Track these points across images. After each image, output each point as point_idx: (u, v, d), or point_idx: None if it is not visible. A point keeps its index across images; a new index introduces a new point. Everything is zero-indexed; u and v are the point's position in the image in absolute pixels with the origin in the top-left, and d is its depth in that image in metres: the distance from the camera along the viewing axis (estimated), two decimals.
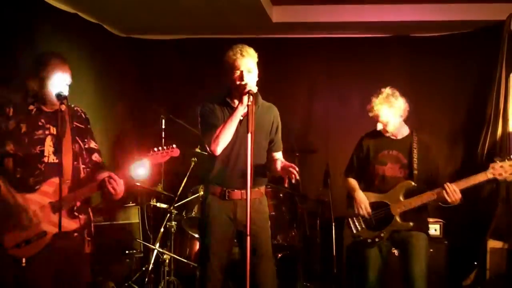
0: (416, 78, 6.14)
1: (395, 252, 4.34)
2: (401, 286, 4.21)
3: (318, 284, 5.53)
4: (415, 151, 4.19)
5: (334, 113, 6.37)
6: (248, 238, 3.27)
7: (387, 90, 4.26)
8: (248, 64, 3.63)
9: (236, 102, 3.67)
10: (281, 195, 5.39)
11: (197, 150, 5.20)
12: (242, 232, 3.73)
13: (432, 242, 5.20)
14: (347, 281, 5.53)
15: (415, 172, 4.16)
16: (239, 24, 6.03)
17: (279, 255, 5.51)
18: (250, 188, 3.25)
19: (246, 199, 3.27)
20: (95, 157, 3.54)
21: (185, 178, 5.34)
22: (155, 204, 5.36)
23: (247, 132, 3.30)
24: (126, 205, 5.53)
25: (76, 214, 3.33)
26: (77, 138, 3.43)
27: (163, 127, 5.72)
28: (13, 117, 3.28)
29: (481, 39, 5.97)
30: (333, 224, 5.37)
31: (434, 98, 6.20)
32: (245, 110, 3.57)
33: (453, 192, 3.94)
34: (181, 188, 5.29)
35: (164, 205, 5.34)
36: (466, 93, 6.11)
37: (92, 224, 3.53)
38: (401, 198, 4.16)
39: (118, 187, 3.30)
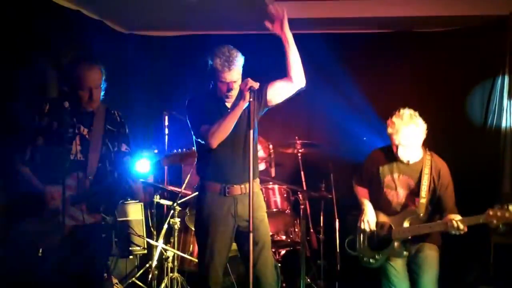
0: (419, 73, 6.13)
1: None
2: None
3: (321, 281, 5.53)
4: (425, 177, 4.14)
5: (336, 109, 6.35)
6: (251, 235, 3.31)
7: (408, 111, 4.20)
8: (234, 77, 3.66)
9: (224, 96, 3.73)
10: (284, 191, 5.38)
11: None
12: (240, 226, 3.76)
13: None
14: (351, 278, 5.54)
15: (422, 201, 4.13)
16: (241, 20, 6.01)
17: (282, 251, 5.52)
18: (251, 182, 3.32)
19: (246, 193, 3.42)
20: (127, 159, 3.66)
21: (188, 175, 5.34)
22: (158, 200, 5.36)
23: (250, 129, 3.33)
24: (129, 201, 5.54)
25: (101, 213, 3.42)
26: (107, 141, 3.58)
27: (166, 123, 5.72)
28: (48, 114, 3.46)
29: (486, 34, 5.93)
30: (337, 220, 5.37)
31: (437, 94, 6.18)
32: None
33: (457, 228, 3.92)
34: (184, 184, 5.30)
35: (167, 202, 5.34)
36: (470, 88, 6.08)
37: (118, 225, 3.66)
38: (406, 225, 4.15)
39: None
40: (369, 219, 4.28)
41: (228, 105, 3.78)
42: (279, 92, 3.83)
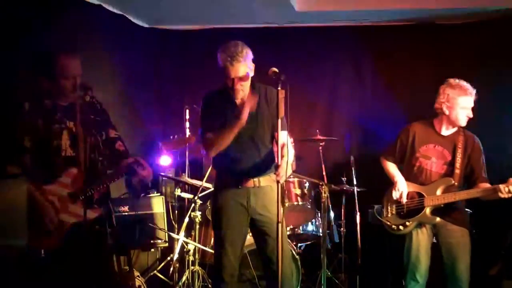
0: (442, 66, 6.06)
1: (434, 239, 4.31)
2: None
3: (342, 275, 5.51)
4: (459, 150, 4.21)
5: (358, 102, 6.33)
6: (280, 225, 3.32)
7: (459, 81, 4.33)
8: (239, 72, 3.64)
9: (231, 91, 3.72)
10: (304, 184, 5.37)
11: None
12: (255, 220, 3.76)
13: None
14: (372, 271, 5.52)
15: (457, 171, 4.19)
16: (262, 13, 5.99)
17: (303, 245, 5.51)
18: (283, 175, 3.37)
19: (259, 186, 3.59)
20: (119, 145, 3.58)
21: (209, 168, 5.34)
22: (179, 194, 5.38)
23: (277, 119, 3.35)
24: (150, 195, 5.57)
25: (94, 205, 3.37)
26: (93, 131, 3.46)
27: (187, 117, 5.73)
28: (29, 112, 3.32)
29: (508, 27, 5.86)
30: (358, 214, 5.34)
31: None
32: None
33: (508, 191, 3.92)
34: (205, 177, 5.30)
35: (188, 195, 5.36)
36: (492, 82, 5.99)
37: (113, 215, 3.58)
38: (438, 193, 4.19)
39: (146, 170, 3.33)
40: (402, 189, 4.32)
41: (237, 101, 3.78)
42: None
